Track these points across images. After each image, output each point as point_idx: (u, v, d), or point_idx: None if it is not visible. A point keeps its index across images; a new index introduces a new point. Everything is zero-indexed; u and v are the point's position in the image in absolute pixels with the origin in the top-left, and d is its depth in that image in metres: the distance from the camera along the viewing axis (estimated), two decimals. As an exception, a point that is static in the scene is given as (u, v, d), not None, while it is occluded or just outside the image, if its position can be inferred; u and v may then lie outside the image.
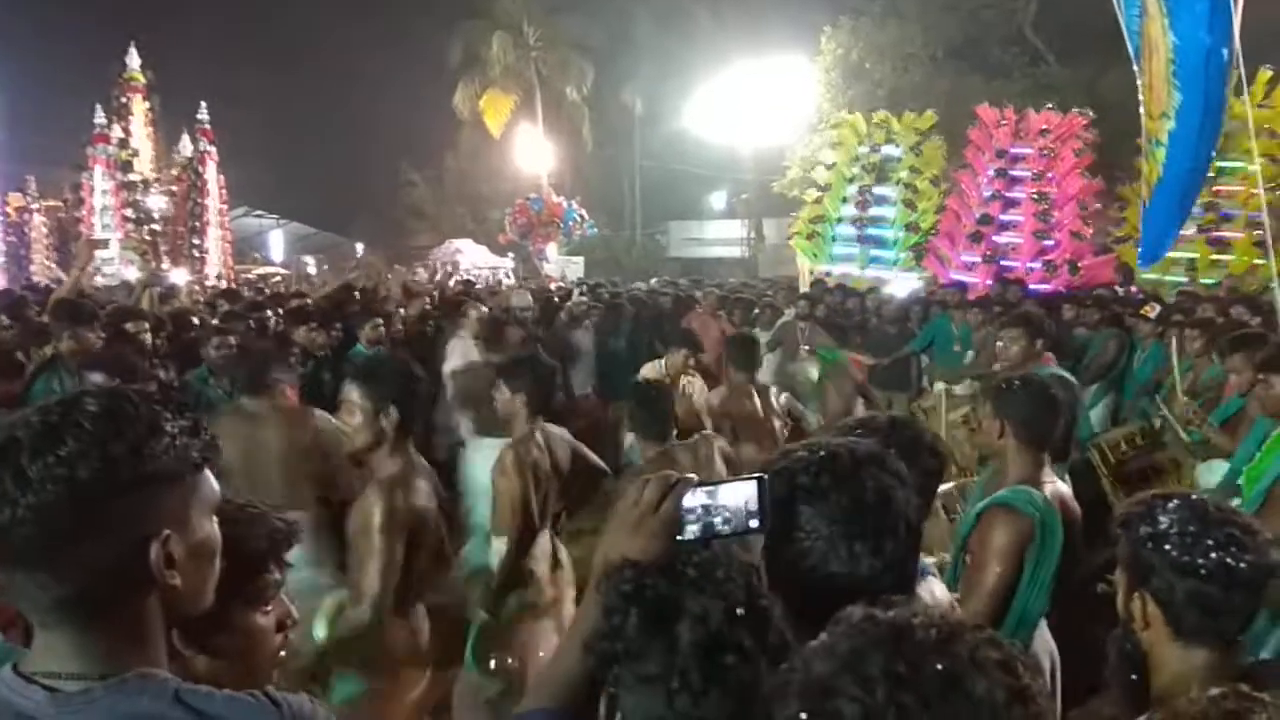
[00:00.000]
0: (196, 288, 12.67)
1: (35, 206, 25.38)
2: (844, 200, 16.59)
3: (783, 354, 8.79)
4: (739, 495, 1.30)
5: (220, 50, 36.14)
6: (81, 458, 1.10)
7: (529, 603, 3.74)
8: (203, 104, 23.92)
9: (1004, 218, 14.52)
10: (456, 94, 32.74)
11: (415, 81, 34.29)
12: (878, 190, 16.31)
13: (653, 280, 18.13)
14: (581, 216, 25.04)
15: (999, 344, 5.15)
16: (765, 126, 26.85)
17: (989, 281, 12.68)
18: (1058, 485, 2.95)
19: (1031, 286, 12.05)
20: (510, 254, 26.92)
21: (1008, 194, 14.60)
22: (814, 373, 8.02)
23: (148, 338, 5.80)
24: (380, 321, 6.93)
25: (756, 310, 10.20)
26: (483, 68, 32.27)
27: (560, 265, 24.57)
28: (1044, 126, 14.61)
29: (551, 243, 24.93)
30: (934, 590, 1.89)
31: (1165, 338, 7.03)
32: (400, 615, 2.95)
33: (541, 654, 3.66)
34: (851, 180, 16.56)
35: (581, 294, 10.69)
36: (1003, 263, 14.12)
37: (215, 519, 1.25)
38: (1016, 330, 4.95)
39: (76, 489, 1.09)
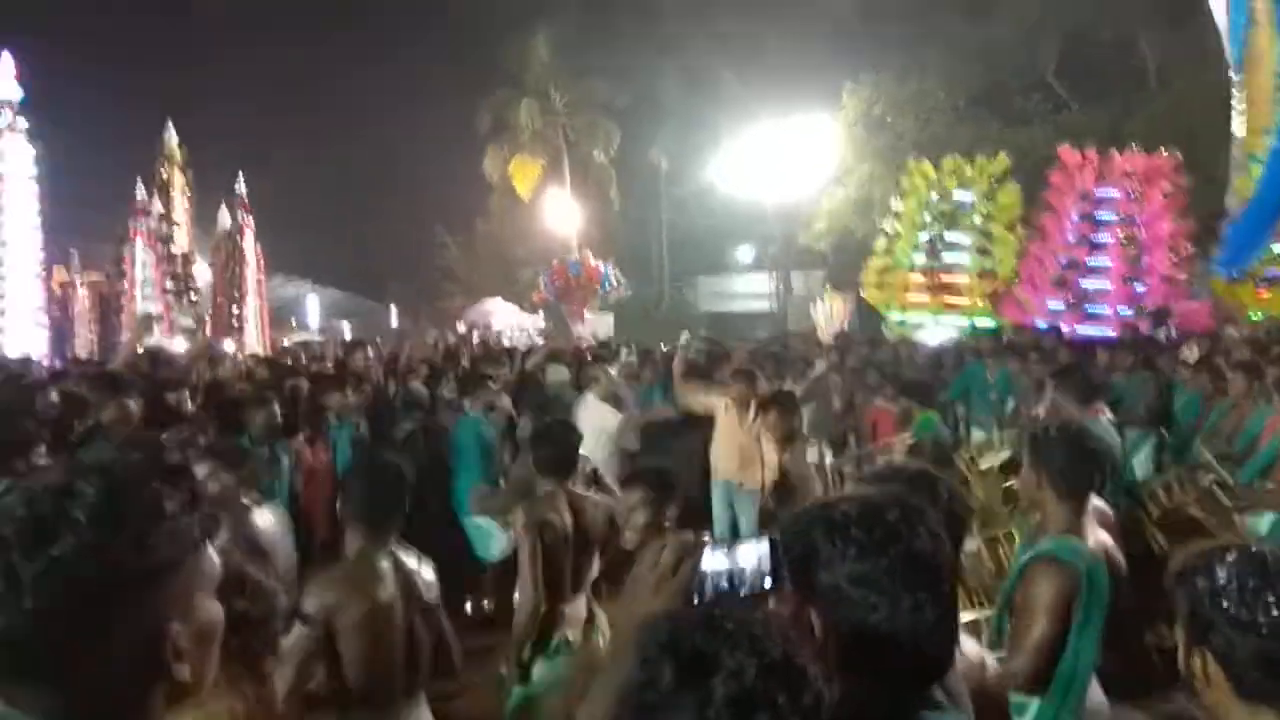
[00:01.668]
0: (240, 355, 12.93)
1: (78, 280, 26.06)
2: (915, 248, 16.36)
3: (817, 406, 8.75)
4: (753, 556, 1.32)
5: (254, 123, 37.16)
6: (80, 555, 0.99)
7: (559, 673, 3.64)
8: (240, 176, 24.55)
9: (1090, 262, 14.18)
10: (486, 159, 33.44)
11: (446, 148, 35.06)
12: (950, 237, 16.05)
13: (683, 336, 18.11)
14: (617, 279, 25.14)
15: (1047, 395, 5.08)
16: (790, 181, 27.08)
17: (1075, 327, 12.40)
18: (1100, 535, 2.89)
19: (1064, 329, 11.89)
20: (541, 311, 27.16)
21: (1093, 238, 14.28)
22: None
23: (188, 406, 5.92)
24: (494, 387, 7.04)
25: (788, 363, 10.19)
26: (512, 133, 32.96)
27: (591, 323, 24.71)
28: (1129, 168, 14.29)
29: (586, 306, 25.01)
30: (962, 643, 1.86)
31: (1201, 382, 6.93)
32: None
33: None
34: (922, 228, 16.34)
35: (630, 353, 10.75)
36: (1090, 309, 13.79)
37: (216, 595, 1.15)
38: (1064, 383, 4.87)
39: (77, 590, 0.99)
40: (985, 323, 14.70)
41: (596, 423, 6.61)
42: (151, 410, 5.53)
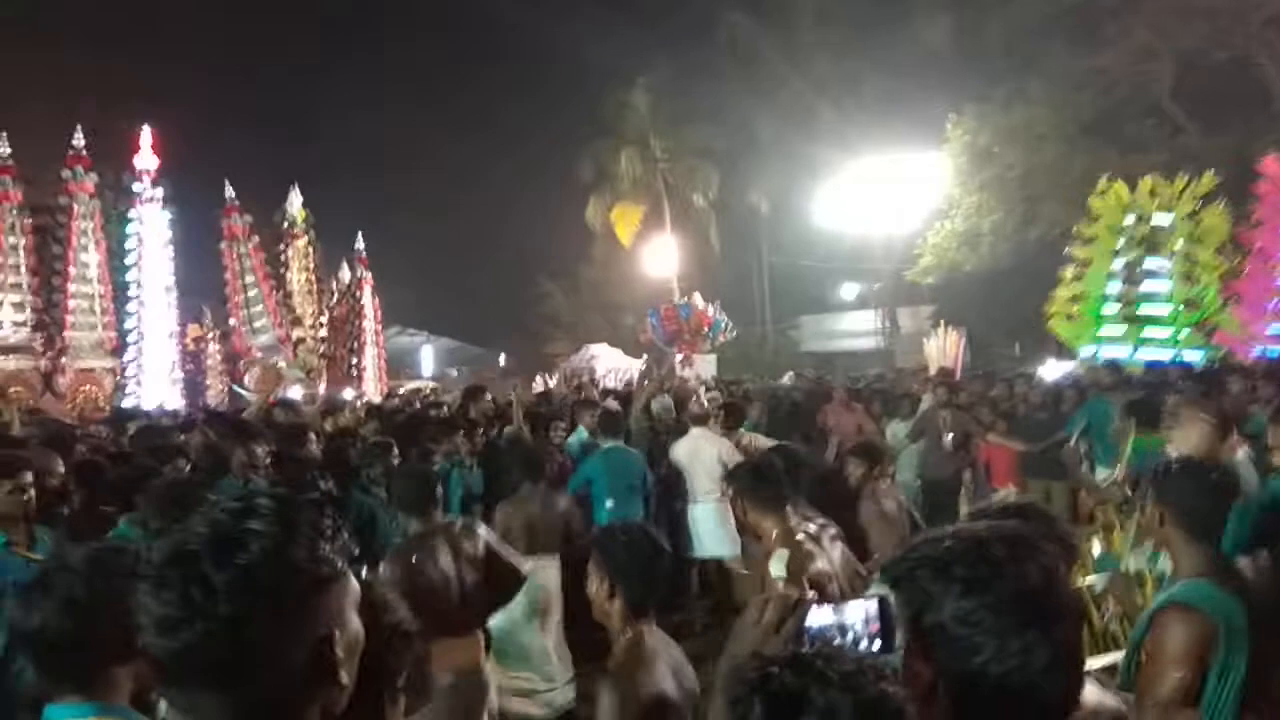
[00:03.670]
0: (359, 403, 13.44)
1: (210, 336, 27.53)
2: (1109, 276, 15.57)
3: (927, 444, 8.56)
4: (859, 614, 1.28)
5: (373, 184, 39.00)
6: (266, 563, 1.08)
7: None
8: (360, 234, 25.74)
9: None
10: (589, 208, 34.15)
11: (550, 200, 36.01)
12: (1148, 264, 15.16)
13: (787, 376, 17.96)
14: (727, 324, 25.05)
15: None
16: (894, 216, 26.65)
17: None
18: (1235, 580, 2.72)
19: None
20: (645, 354, 27.35)
21: None
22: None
23: (314, 448, 6.21)
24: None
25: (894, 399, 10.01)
26: (613, 182, 33.61)
27: (696, 364, 24.65)
28: None
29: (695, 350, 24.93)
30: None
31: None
32: None
33: None
34: (1116, 254, 15.47)
35: (709, 390, 10.73)
36: None
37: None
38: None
39: (264, 596, 1.07)
40: (1192, 354, 13.70)
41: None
42: (278, 457, 5.80)
